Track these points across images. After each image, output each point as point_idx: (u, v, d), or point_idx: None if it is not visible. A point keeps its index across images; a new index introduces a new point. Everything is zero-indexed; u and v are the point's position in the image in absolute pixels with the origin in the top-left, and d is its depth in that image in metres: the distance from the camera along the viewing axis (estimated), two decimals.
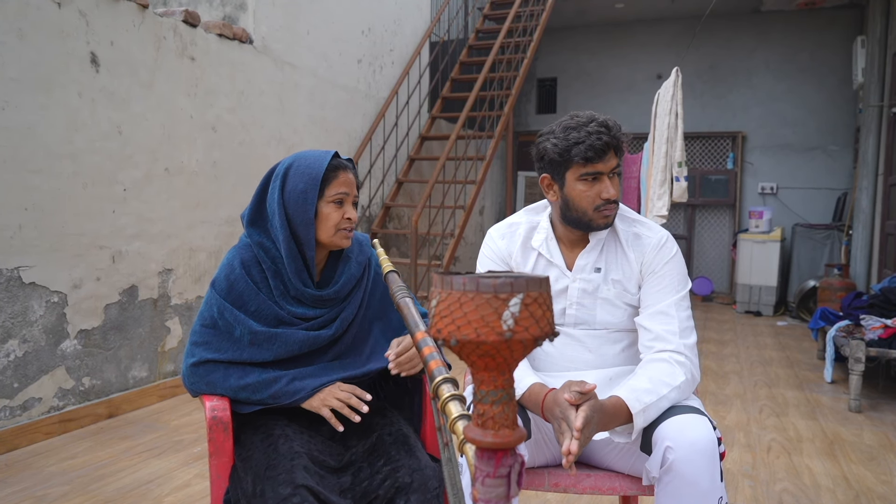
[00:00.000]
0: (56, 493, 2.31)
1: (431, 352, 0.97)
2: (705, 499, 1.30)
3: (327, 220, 1.39)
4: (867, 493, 2.46)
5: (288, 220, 1.38)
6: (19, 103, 2.68)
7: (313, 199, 1.37)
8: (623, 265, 1.56)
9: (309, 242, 1.39)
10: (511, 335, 0.68)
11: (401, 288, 1.24)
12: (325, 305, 1.47)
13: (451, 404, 0.87)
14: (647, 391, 1.37)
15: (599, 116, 1.49)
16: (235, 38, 3.86)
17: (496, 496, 0.73)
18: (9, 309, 2.68)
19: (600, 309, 1.55)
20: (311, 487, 1.24)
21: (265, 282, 1.44)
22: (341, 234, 1.42)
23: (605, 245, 1.57)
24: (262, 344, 1.41)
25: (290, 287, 1.43)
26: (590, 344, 1.56)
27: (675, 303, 1.50)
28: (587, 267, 1.56)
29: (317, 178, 1.37)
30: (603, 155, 1.46)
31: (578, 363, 1.55)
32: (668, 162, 3.45)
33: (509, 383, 0.73)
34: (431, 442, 1.58)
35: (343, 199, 1.41)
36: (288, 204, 1.38)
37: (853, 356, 3.53)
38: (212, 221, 3.76)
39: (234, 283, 1.41)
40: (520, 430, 0.72)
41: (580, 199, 1.49)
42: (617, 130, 1.48)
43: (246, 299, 1.42)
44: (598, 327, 1.56)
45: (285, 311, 1.43)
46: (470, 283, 0.69)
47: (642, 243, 1.56)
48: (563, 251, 1.59)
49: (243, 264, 1.43)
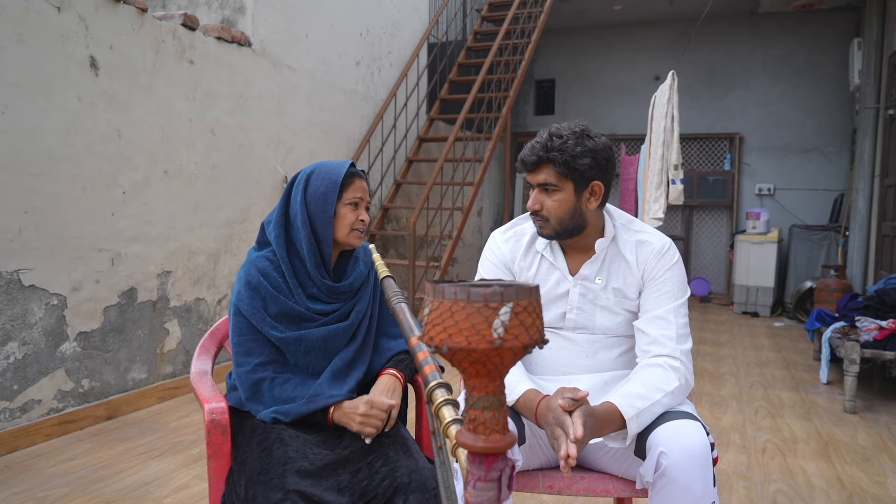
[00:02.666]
0: (56, 495, 2.33)
1: (426, 357, 0.99)
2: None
3: (343, 220, 1.53)
4: (861, 494, 2.48)
5: (310, 218, 1.52)
6: (19, 107, 2.70)
7: (333, 200, 1.51)
8: (625, 272, 1.59)
9: (327, 239, 1.52)
10: (501, 343, 0.70)
11: (396, 293, 1.26)
12: (339, 299, 1.58)
13: (444, 409, 0.89)
14: (641, 396, 1.40)
15: (562, 129, 1.51)
16: (234, 42, 3.88)
17: (487, 499, 0.75)
18: (8, 311, 2.70)
19: (600, 314, 1.58)
20: (302, 492, 1.26)
21: (284, 284, 1.54)
22: (355, 234, 1.56)
23: (607, 254, 1.60)
24: (290, 346, 1.51)
25: (309, 283, 1.54)
26: (588, 348, 1.58)
27: (673, 309, 1.53)
28: (590, 276, 1.59)
29: (336, 181, 1.51)
30: (533, 167, 1.52)
31: (575, 367, 1.58)
32: (664, 165, 3.48)
33: (500, 389, 0.75)
34: (427, 445, 1.60)
35: (358, 202, 1.55)
36: (310, 204, 1.52)
37: (848, 357, 3.55)
38: (211, 224, 3.78)
39: (256, 288, 1.51)
40: (510, 435, 0.74)
41: (529, 205, 1.57)
42: (559, 143, 1.48)
43: (268, 303, 1.51)
44: (598, 332, 1.58)
45: (304, 308, 1.53)
46: (461, 293, 0.71)
47: (645, 249, 1.59)
48: (566, 256, 1.63)
49: (261, 272, 1.53)
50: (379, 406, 1.43)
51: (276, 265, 1.54)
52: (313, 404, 1.44)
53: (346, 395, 1.47)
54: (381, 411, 1.43)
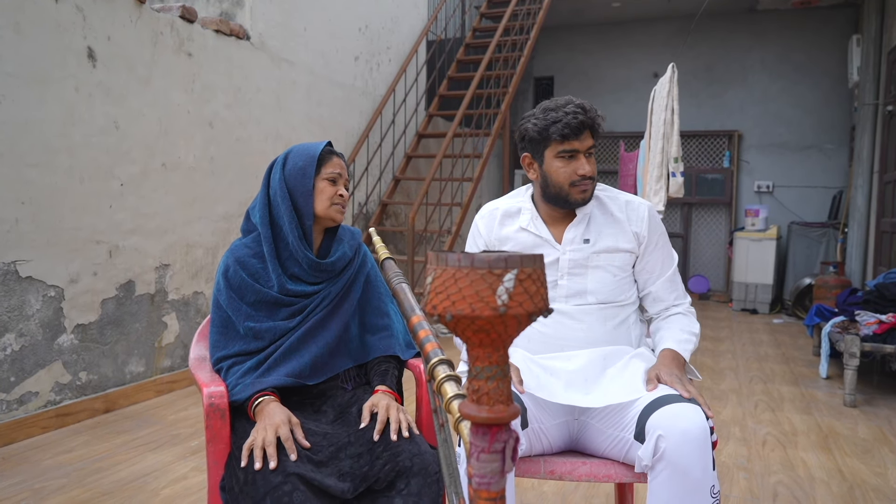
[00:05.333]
0: (53, 486, 2.32)
1: (427, 335, 0.98)
2: (697, 487, 1.32)
3: (323, 194, 1.55)
4: (861, 486, 2.48)
5: (289, 193, 1.54)
6: (16, 97, 2.69)
7: (311, 173, 1.53)
8: (613, 228, 1.65)
9: (308, 212, 1.54)
10: (505, 310, 0.69)
11: (397, 274, 1.25)
12: (321, 278, 1.57)
13: (446, 385, 0.88)
14: (686, 340, 1.61)
15: (576, 99, 1.59)
16: (232, 35, 3.86)
17: (491, 471, 0.74)
18: (5, 303, 2.68)
19: (591, 277, 1.62)
20: (302, 475, 1.25)
21: (263, 270, 1.55)
22: (335, 209, 1.57)
23: (591, 218, 1.66)
24: (263, 336, 1.53)
25: (292, 262, 1.54)
26: (582, 320, 1.60)
27: (674, 270, 1.70)
28: (576, 239, 1.64)
29: (314, 156, 1.55)
30: (579, 133, 1.56)
31: (571, 342, 1.58)
32: (664, 157, 3.47)
33: (503, 360, 0.74)
34: (428, 432, 1.59)
35: (336, 178, 1.57)
36: (289, 179, 1.54)
37: (848, 351, 3.55)
38: (209, 217, 3.77)
39: (230, 280, 1.55)
40: (514, 407, 0.73)
41: (558, 175, 1.59)
42: (593, 112, 1.58)
43: (243, 292, 1.54)
44: (591, 300, 1.61)
45: (282, 293, 1.53)
46: (465, 260, 0.70)
47: (634, 208, 1.67)
48: (550, 227, 1.67)
49: (238, 261, 1.56)
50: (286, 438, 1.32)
51: (256, 251, 1.56)
52: (241, 394, 1.42)
53: (270, 388, 1.43)
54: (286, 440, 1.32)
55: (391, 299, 1.69)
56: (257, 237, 1.57)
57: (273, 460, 1.27)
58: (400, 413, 1.43)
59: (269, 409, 1.37)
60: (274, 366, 1.49)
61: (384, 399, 1.45)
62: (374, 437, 1.37)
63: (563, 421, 1.56)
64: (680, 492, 1.32)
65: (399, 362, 1.63)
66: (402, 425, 1.40)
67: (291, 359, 1.50)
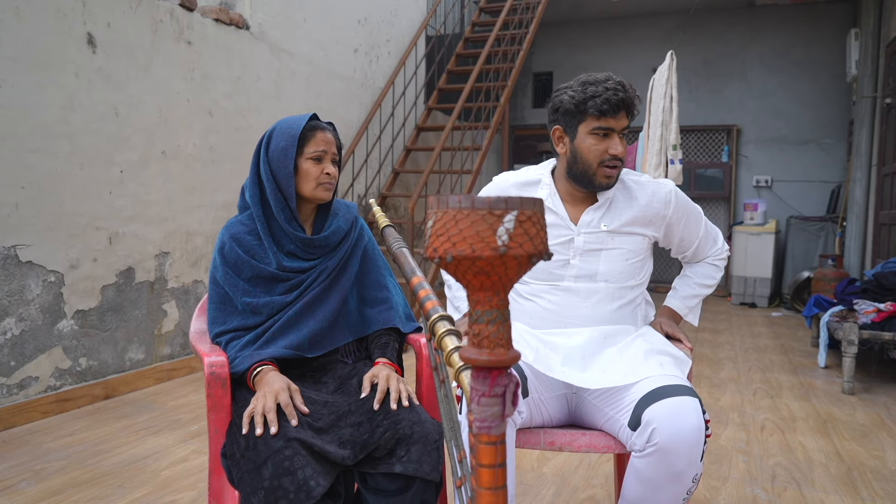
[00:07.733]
0: (54, 468, 2.32)
1: (427, 294, 0.99)
2: (680, 473, 1.32)
3: (307, 175, 1.51)
4: (859, 468, 2.49)
5: (273, 174, 1.52)
6: (16, 82, 2.69)
7: (292, 155, 1.49)
8: (633, 213, 1.61)
9: (290, 194, 1.51)
10: (506, 250, 0.70)
11: (397, 240, 1.26)
12: (316, 254, 1.57)
13: (447, 339, 0.89)
14: (692, 297, 1.80)
15: (616, 77, 1.53)
16: (232, 24, 3.87)
17: (491, 415, 0.75)
18: (6, 287, 2.69)
19: (604, 260, 1.59)
20: (303, 440, 1.26)
21: (259, 247, 1.54)
22: (322, 189, 1.53)
23: (612, 202, 1.62)
24: (261, 311, 1.53)
25: (286, 240, 1.54)
26: (587, 298, 1.58)
27: (705, 230, 1.76)
28: (593, 222, 1.60)
29: (295, 136, 1.50)
30: (617, 111, 1.50)
31: (575, 319, 1.57)
32: (663, 145, 3.48)
33: (504, 304, 0.74)
34: (428, 405, 1.60)
35: (322, 156, 1.52)
36: (272, 161, 1.52)
37: (846, 339, 3.56)
38: (208, 206, 3.77)
39: (227, 257, 1.54)
40: (514, 351, 0.73)
41: (588, 152, 1.53)
42: (633, 92, 1.53)
43: (240, 268, 1.53)
44: (599, 281, 1.59)
45: (279, 268, 1.53)
46: (465, 201, 0.70)
47: (656, 191, 1.63)
48: (567, 206, 1.63)
49: (233, 238, 1.55)
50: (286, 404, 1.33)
51: (251, 228, 1.55)
52: (240, 366, 1.42)
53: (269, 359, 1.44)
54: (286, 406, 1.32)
55: (390, 273, 1.70)
56: (252, 214, 1.56)
57: (274, 426, 1.27)
58: (400, 383, 1.43)
59: (268, 378, 1.38)
60: (272, 339, 1.49)
61: (384, 370, 1.46)
62: (374, 407, 1.38)
63: (562, 394, 1.56)
64: (662, 475, 1.33)
65: (399, 335, 1.64)
66: (403, 395, 1.40)
67: (290, 333, 1.51)
